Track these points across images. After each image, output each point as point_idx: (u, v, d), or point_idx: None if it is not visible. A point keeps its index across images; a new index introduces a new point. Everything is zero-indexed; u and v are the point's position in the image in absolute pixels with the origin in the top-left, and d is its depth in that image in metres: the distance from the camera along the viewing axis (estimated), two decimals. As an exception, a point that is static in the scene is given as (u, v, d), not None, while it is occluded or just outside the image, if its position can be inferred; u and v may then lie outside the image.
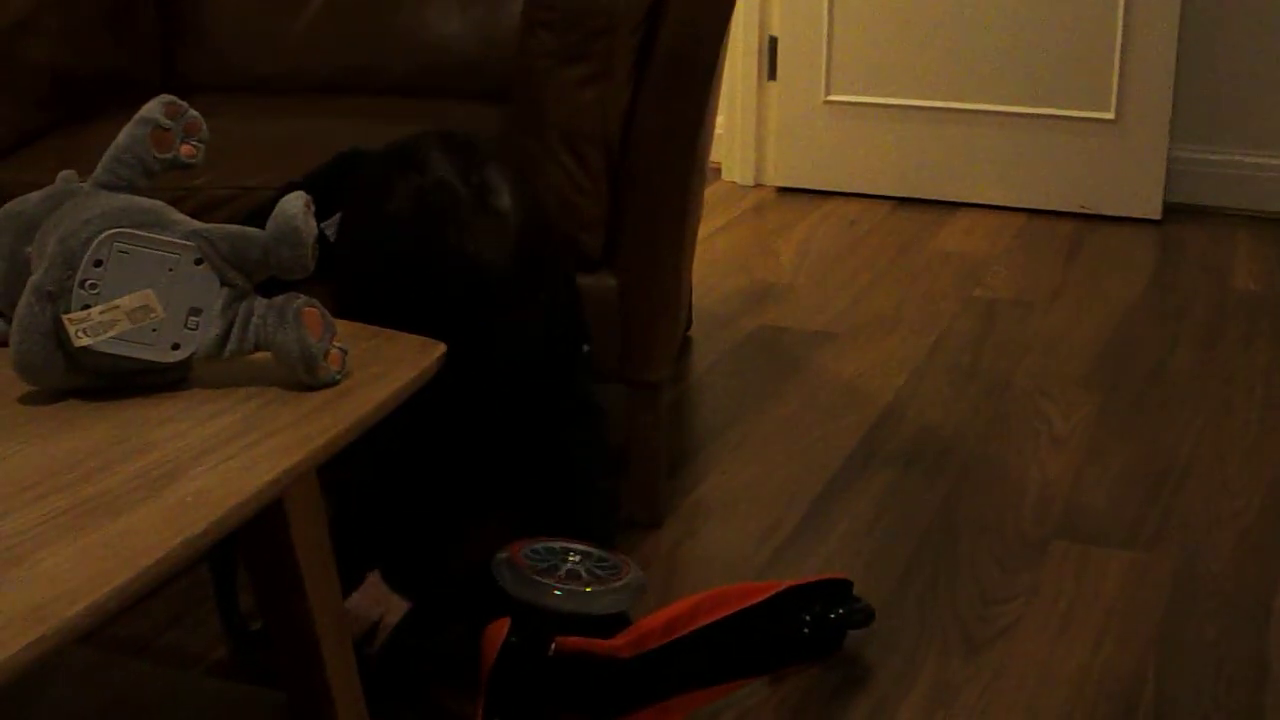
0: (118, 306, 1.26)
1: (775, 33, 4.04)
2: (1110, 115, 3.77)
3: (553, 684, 1.71)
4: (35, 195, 1.34)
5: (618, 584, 1.75)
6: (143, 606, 2.02)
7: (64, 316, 1.25)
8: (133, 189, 1.34)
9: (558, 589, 1.71)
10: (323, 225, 1.65)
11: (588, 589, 1.72)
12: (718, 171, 4.16)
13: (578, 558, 1.76)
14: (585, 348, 1.96)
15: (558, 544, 1.78)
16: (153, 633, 2.00)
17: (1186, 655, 1.98)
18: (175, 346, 1.29)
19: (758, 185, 4.16)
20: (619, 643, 1.75)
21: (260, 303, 1.32)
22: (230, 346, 1.31)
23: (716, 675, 1.85)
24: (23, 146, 2.26)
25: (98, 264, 1.26)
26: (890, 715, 1.85)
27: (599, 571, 1.75)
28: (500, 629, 1.68)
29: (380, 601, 1.79)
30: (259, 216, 1.33)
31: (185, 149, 1.37)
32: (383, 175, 1.66)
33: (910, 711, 1.86)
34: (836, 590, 1.99)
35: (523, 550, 1.75)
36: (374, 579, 1.80)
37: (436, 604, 1.83)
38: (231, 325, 1.31)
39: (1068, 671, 1.94)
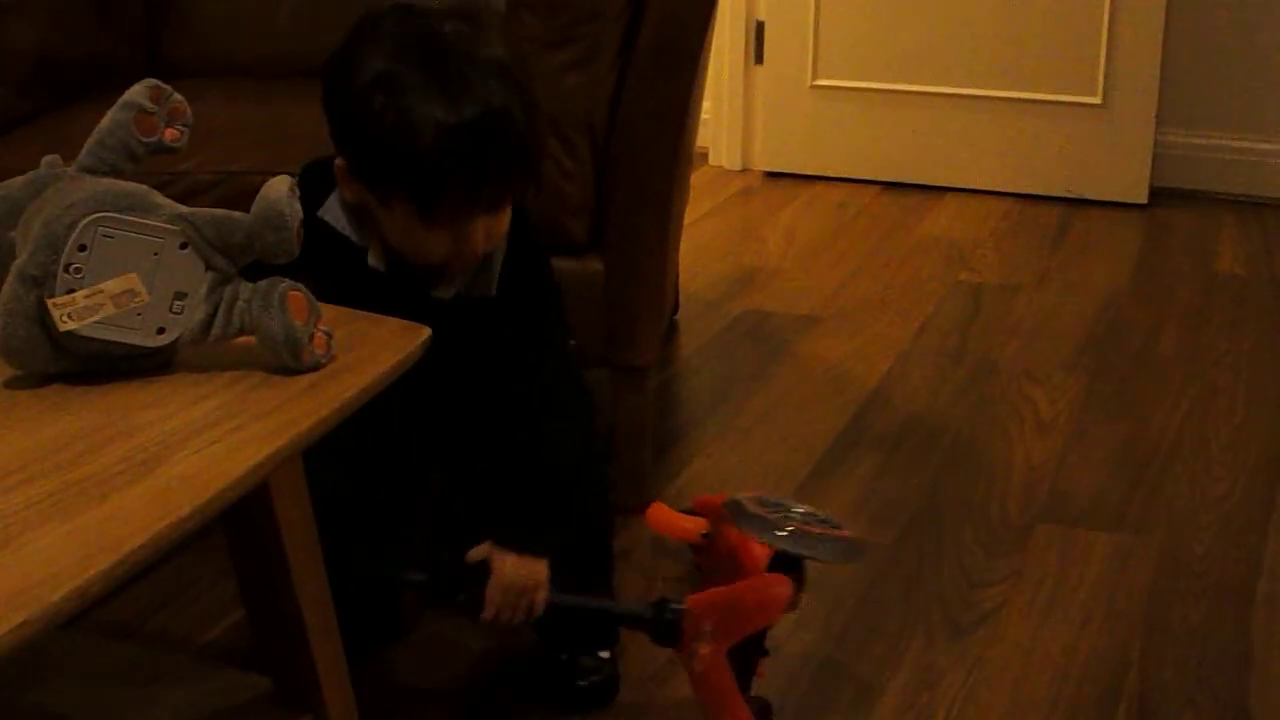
0: (102, 291, 1.26)
1: (762, 17, 4.04)
2: (1097, 100, 3.78)
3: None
4: (19, 180, 1.34)
5: (846, 535, 1.82)
6: (130, 591, 2.03)
7: (48, 301, 1.25)
8: (117, 173, 1.34)
9: (778, 530, 1.78)
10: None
11: (817, 533, 1.80)
12: (704, 156, 4.16)
13: (802, 509, 1.84)
14: (571, 340, 1.94)
15: (780, 498, 1.87)
16: (140, 617, 2.00)
17: (1171, 638, 1.99)
18: (160, 330, 1.29)
19: (744, 170, 4.16)
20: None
21: (245, 286, 1.32)
22: (215, 330, 1.31)
23: None
24: (7, 132, 2.26)
25: (82, 248, 1.26)
26: (875, 698, 1.86)
27: (820, 524, 1.82)
28: (782, 584, 1.74)
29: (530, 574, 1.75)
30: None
31: (169, 133, 1.37)
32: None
33: (895, 695, 1.87)
34: None
35: (753, 498, 1.83)
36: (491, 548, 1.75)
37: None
38: (216, 309, 1.31)
39: (1052, 655, 1.95)
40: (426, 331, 1.41)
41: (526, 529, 1.71)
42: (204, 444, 1.19)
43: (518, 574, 1.70)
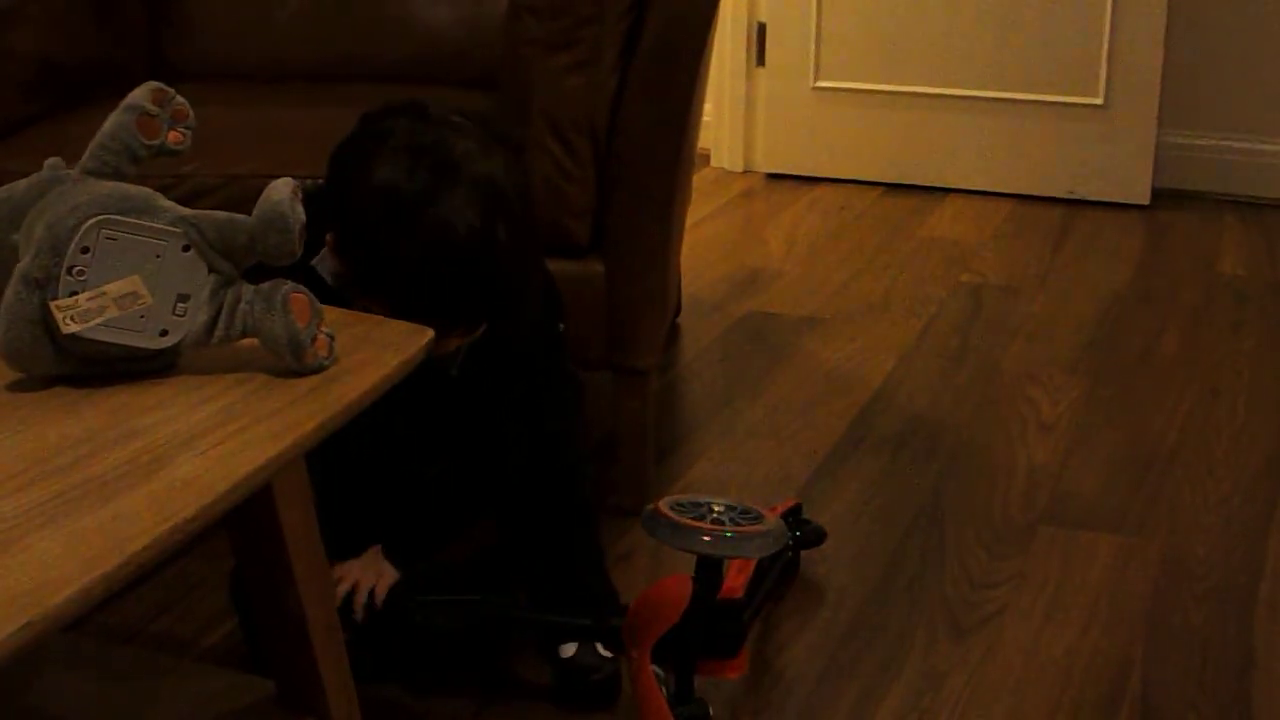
0: (105, 293, 1.26)
1: (764, 18, 4.04)
2: (1099, 100, 3.78)
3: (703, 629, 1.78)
4: (22, 183, 1.34)
5: (764, 529, 1.79)
6: (132, 594, 2.03)
7: (51, 303, 1.25)
8: (120, 176, 1.34)
9: (706, 535, 1.76)
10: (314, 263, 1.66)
11: (729, 534, 1.77)
12: (706, 158, 4.16)
13: (720, 508, 1.81)
14: (560, 325, 1.96)
15: (701, 498, 1.84)
16: (143, 620, 2.00)
17: (1173, 640, 1.99)
18: (163, 333, 1.29)
19: (746, 171, 4.16)
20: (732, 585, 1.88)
21: (248, 289, 1.32)
22: (218, 333, 1.31)
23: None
24: (10, 135, 2.26)
25: (85, 251, 1.26)
26: (878, 700, 1.86)
27: (742, 520, 1.80)
28: (681, 584, 1.76)
29: (375, 568, 1.82)
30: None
31: (172, 136, 1.37)
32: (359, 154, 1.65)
33: (898, 696, 1.87)
34: (789, 515, 2.12)
35: (668, 503, 1.81)
36: (374, 550, 1.84)
37: (428, 583, 1.85)
38: (219, 311, 1.31)
39: (1054, 656, 1.95)
40: (429, 333, 1.41)
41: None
42: (207, 446, 1.19)
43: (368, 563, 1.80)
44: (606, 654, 1.87)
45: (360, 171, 1.59)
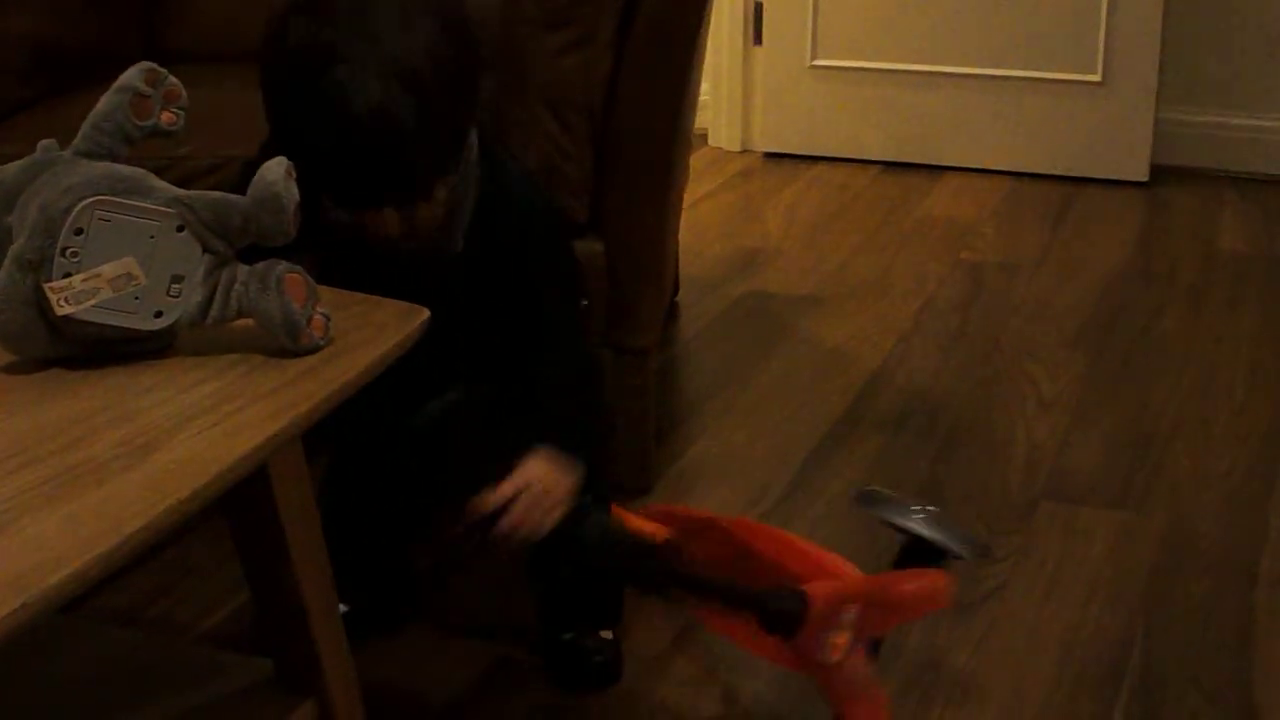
0: (99, 274, 1.26)
1: (761, -2, 4.04)
2: (1097, 77, 3.77)
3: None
4: (14, 165, 1.33)
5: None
6: (131, 577, 2.03)
7: (45, 285, 1.25)
8: (113, 157, 1.33)
9: (920, 513, 1.69)
10: None
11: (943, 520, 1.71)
12: (704, 137, 4.15)
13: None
14: (584, 302, 1.92)
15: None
16: (141, 604, 2.00)
17: (1174, 616, 1.99)
18: (158, 314, 1.29)
19: (744, 150, 4.16)
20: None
21: (242, 269, 1.31)
22: (213, 313, 1.31)
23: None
24: (5, 119, 2.26)
25: (78, 232, 1.25)
26: (880, 679, 1.86)
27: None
28: (943, 581, 1.66)
29: (555, 478, 1.67)
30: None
31: (165, 116, 1.36)
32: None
33: (900, 675, 1.87)
34: None
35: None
36: (550, 452, 1.67)
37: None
38: (214, 292, 1.31)
39: (1055, 633, 1.95)
40: (425, 313, 1.40)
41: (556, 432, 1.67)
42: (203, 427, 1.19)
43: (545, 473, 1.64)
44: (607, 636, 1.87)
45: (272, 31, 1.54)
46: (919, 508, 1.70)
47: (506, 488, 1.62)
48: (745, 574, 1.81)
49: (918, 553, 1.70)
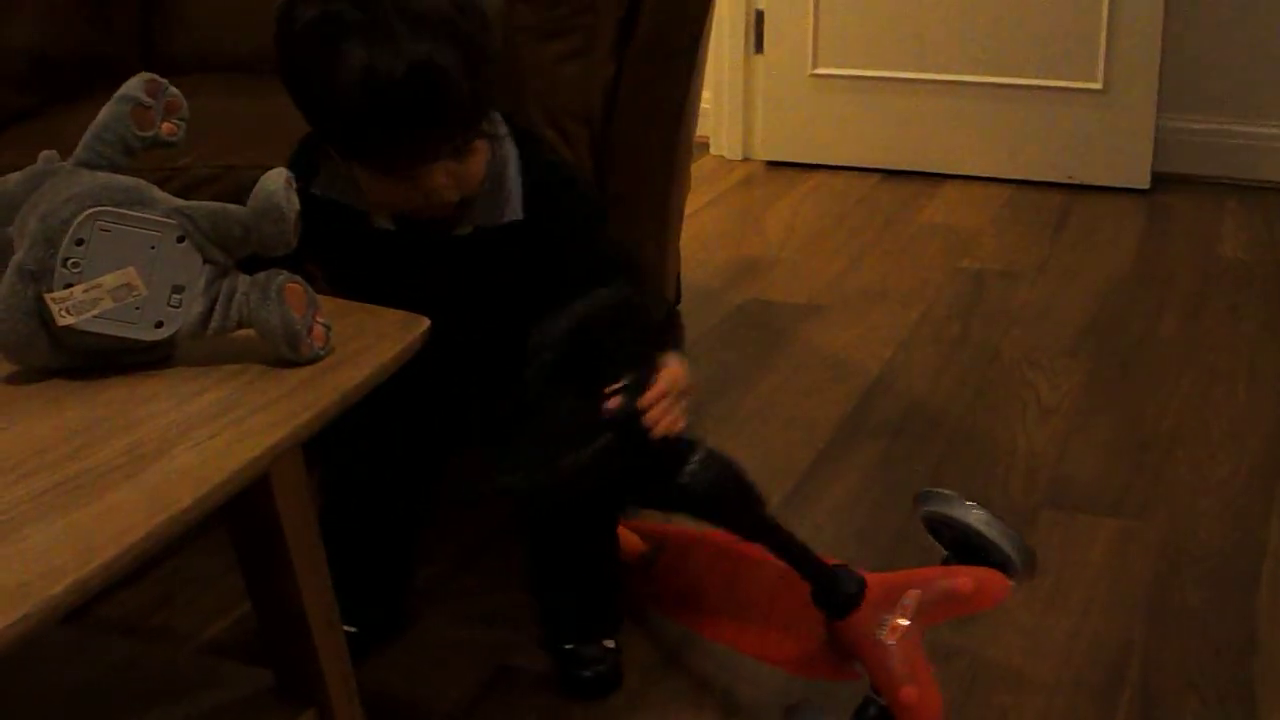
0: (100, 285, 1.26)
1: (762, 6, 4.04)
2: (1098, 85, 3.77)
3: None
4: (15, 176, 1.34)
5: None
6: (132, 587, 2.03)
7: (46, 295, 1.25)
8: (114, 168, 1.34)
9: (978, 510, 1.71)
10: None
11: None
12: (705, 146, 4.16)
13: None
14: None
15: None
16: (142, 613, 2.00)
17: (1174, 623, 1.99)
18: (158, 324, 1.29)
19: (745, 159, 4.16)
20: None
21: (243, 279, 1.32)
22: (213, 324, 1.31)
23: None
24: (3, 129, 2.26)
25: (79, 242, 1.26)
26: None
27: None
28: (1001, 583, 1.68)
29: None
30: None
31: (166, 127, 1.37)
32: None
33: (899, 681, 1.87)
34: None
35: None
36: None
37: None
38: (214, 302, 1.31)
39: (1055, 640, 1.95)
40: (426, 322, 1.41)
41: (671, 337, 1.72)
42: (203, 437, 1.19)
43: (681, 371, 1.65)
44: (607, 645, 1.88)
45: (292, 20, 1.55)
46: (976, 505, 1.71)
47: (659, 386, 1.62)
48: (747, 586, 1.82)
49: (968, 551, 1.72)
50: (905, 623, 1.64)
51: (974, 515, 1.72)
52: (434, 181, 1.56)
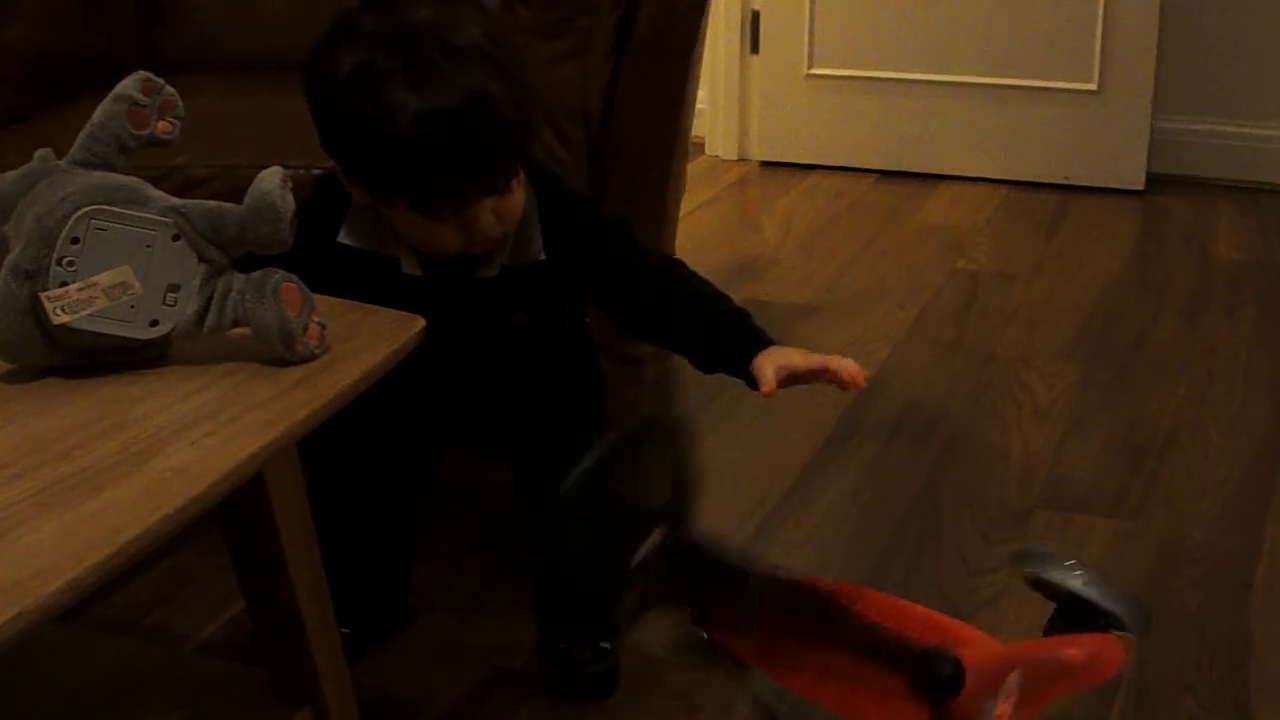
0: (95, 284, 1.26)
1: (757, 6, 4.04)
2: (1093, 86, 3.77)
3: None
4: (11, 174, 1.33)
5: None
6: (128, 586, 2.03)
7: (41, 294, 1.25)
8: (109, 167, 1.33)
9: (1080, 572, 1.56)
10: None
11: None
12: (700, 146, 4.16)
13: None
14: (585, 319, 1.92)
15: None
16: (137, 612, 2.00)
17: (1169, 624, 1.99)
18: (154, 323, 1.29)
19: (741, 159, 4.16)
20: None
21: (238, 278, 1.32)
22: (209, 322, 1.31)
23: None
24: (1, 128, 2.26)
25: (74, 241, 1.26)
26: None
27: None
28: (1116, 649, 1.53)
29: None
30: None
31: (161, 126, 1.37)
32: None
33: (895, 682, 1.87)
34: None
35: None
36: None
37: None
38: (210, 301, 1.31)
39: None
40: (421, 322, 1.41)
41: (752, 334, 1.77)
42: (198, 436, 1.19)
43: (797, 353, 1.74)
44: (605, 646, 1.87)
45: (331, 69, 1.53)
46: (1078, 566, 1.57)
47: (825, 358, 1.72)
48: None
49: (1075, 616, 1.57)
50: (1008, 708, 1.49)
51: (1075, 579, 1.57)
52: (481, 219, 1.56)
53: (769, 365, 1.72)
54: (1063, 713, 1.81)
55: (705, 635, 1.80)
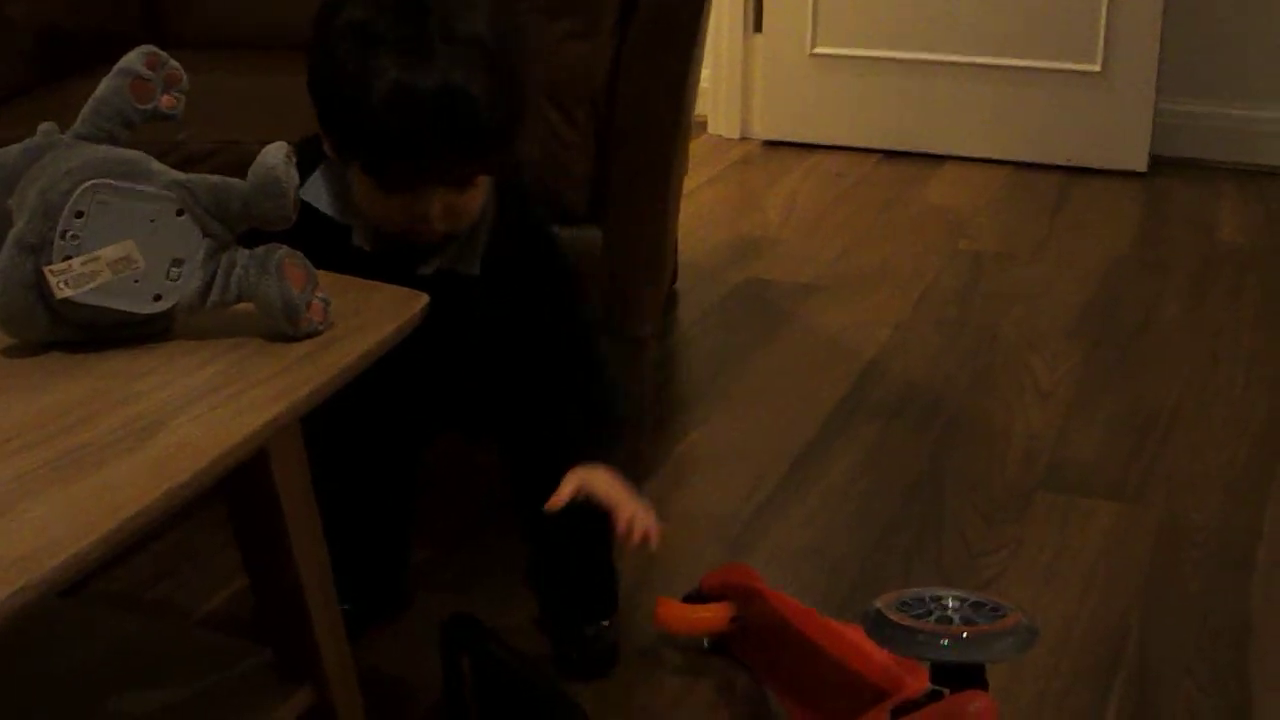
0: (99, 258, 1.26)
1: (761, -15, 4.03)
2: (1097, 68, 3.77)
3: None
4: (15, 148, 1.33)
5: (1007, 628, 1.48)
6: (131, 561, 2.03)
7: (45, 268, 1.25)
8: (113, 141, 1.33)
9: (944, 640, 1.46)
10: None
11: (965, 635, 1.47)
12: (703, 125, 4.15)
13: (955, 603, 1.51)
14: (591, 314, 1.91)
15: (926, 591, 1.56)
16: (141, 587, 2.00)
17: (1170, 607, 1.99)
18: (157, 297, 1.29)
19: (744, 138, 4.15)
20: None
21: (242, 254, 1.32)
22: (212, 297, 1.31)
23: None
24: (6, 102, 2.25)
25: (78, 215, 1.26)
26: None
27: (977, 617, 1.49)
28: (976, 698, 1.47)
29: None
30: None
31: (166, 100, 1.36)
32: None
33: (895, 662, 1.87)
34: None
35: (893, 603, 1.51)
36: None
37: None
38: (213, 276, 1.31)
39: (1052, 623, 1.94)
40: (424, 298, 1.41)
41: (594, 445, 1.71)
42: (202, 411, 1.19)
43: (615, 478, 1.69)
44: (605, 624, 1.87)
45: (333, 17, 1.53)
46: (945, 627, 1.47)
47: (623, 503, 1.68)
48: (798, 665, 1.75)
49: (949, 677, 1.50)
50: None
51: (934, 647, 1.47)
52: (429, 207, 1.56)
53: (572, 483, 1.68)
54: (1064, 691, 1.81)
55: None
